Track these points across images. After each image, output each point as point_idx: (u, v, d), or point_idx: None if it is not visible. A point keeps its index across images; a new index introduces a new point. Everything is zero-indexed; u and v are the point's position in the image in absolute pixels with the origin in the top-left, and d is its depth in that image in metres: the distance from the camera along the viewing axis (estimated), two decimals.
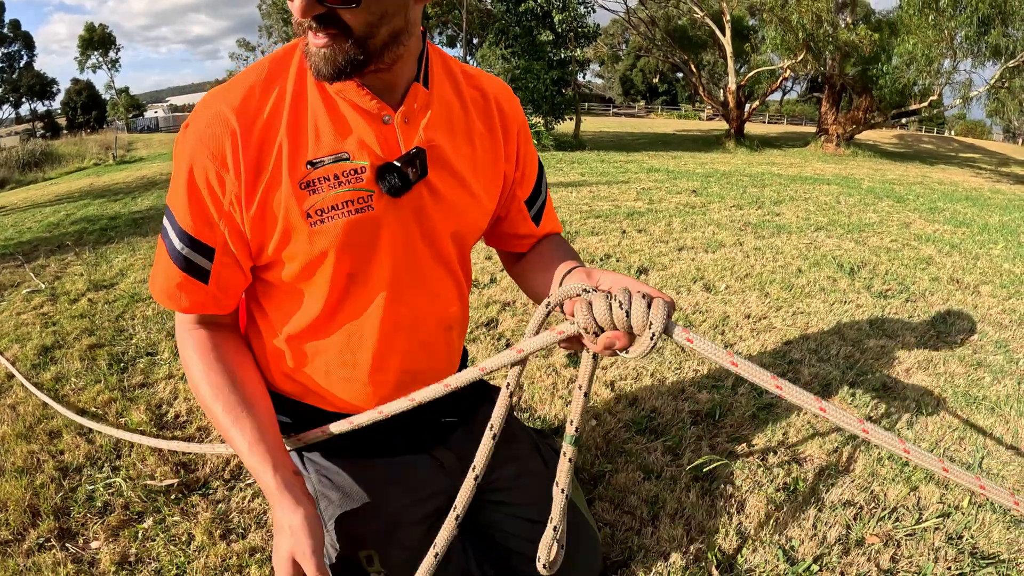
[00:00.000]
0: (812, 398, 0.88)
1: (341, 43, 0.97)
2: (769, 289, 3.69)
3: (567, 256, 1.31)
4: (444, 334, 1.35)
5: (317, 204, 1.10)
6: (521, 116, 1.33)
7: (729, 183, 8.86)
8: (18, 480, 2.17)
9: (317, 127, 1.09)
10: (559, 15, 20.18)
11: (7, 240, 7.93)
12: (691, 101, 59.04)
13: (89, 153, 31.36)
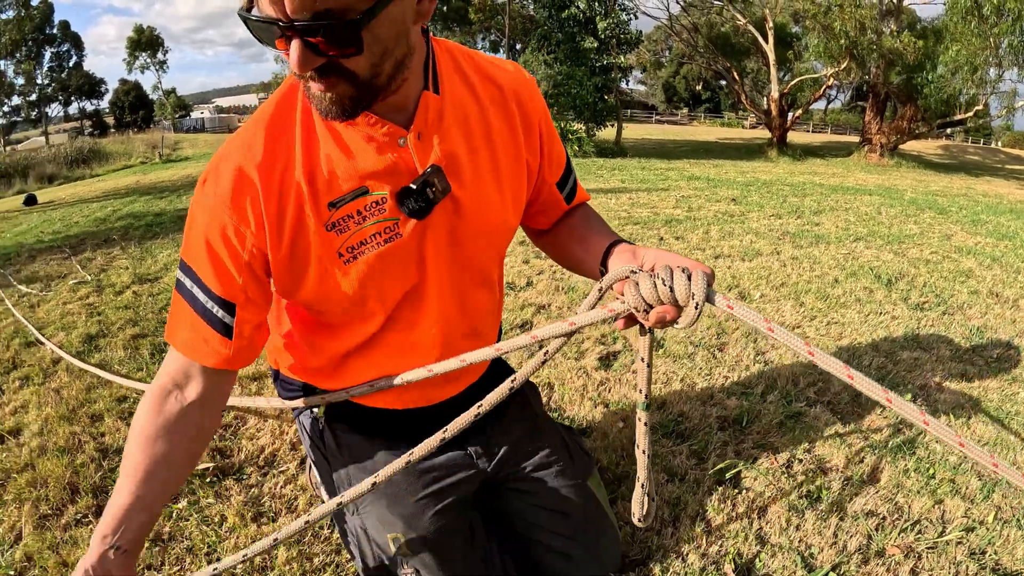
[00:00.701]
0: (841, 365, 0.93)
1: (346, 88, 0.95)
2: (804, 299, 3.68)
3: (600, 226, 1.34)
4: (477, 335, 1.39)
5: (347, 242, 1.12)
6: (541, 103, 1.30)
7: (769, 192, 8.79)
8: (59, 459, 2.28)
9: (332, 167, 1.10)
10: (602, 21, 20.18)
11: (55, 233, 8.17)
12: (734, 109, 58.54)
13: (136, 151, 32.10)
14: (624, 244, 1.19)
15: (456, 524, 1.36)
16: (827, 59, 21.70)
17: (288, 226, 1.10)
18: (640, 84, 73.52)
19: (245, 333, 1.16)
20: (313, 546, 1.79)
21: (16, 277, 5.58)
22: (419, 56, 1.08)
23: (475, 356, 1.16)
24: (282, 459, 2.24)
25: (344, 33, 0.87)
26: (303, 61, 0.88)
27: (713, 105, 66.07)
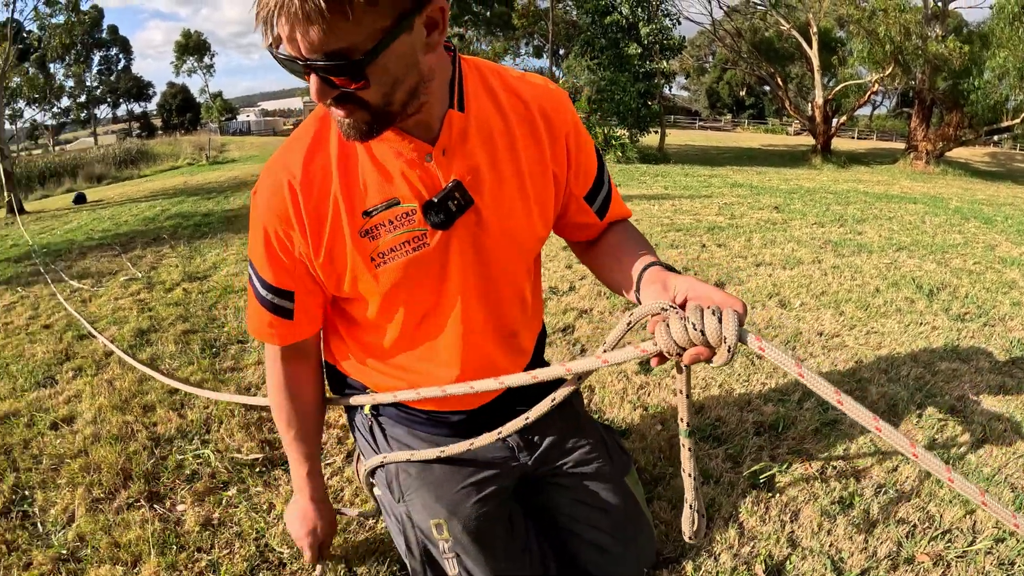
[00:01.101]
0: (869, 415, 0.94)
1: (362, 114, 1.05)
2: (844, 308, 3.67)
3: (637, 246, 1.37)
4: (512, 339, 1.46)
5: (378, 248, 1.23)
6: (568, 116, 1.34)
7: (812, 200, 8.71)
8: (112, 446, 2.38)
9: (366, 178, 1.21)
10: (645, 27, 20.12)
11: (104, 231, 8.41)
12: (778, 115, 57.73)
13: (183, 153, 32.74)
14: (656, 269, 1.22)
15: (497, 513, 1.43)
16: (871, 65, 21.40)
17: (327, 233, 1.22)
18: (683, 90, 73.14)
19: (307, 311, 1.36)
20: (359, 534, 1.86)
21: (67, 273, 5.78)
22: (442, 77, 1.16)
23: (512, 380, 1.26)
24: (329, 452, 2.32)
25: (351, 70, 0.97)
26: (320, 92, 1.00)
27: (757, 111, 65.30)
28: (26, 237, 8.88)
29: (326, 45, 0.93)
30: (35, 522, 2.05)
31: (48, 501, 2.15)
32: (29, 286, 5.51)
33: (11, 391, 3.10)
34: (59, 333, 3.94)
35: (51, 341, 3.79)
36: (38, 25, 17.77)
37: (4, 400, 2.99)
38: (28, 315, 4.50)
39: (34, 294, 5.16)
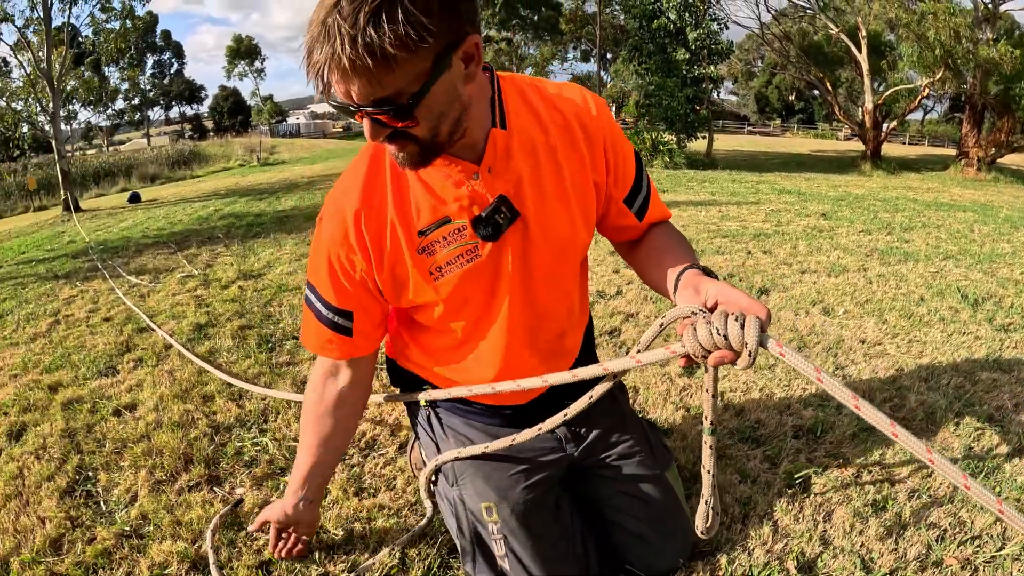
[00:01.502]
0: (887, 420, 0.99)
1: (413, 147, 1.16)
2: (888, 316, 3.66)
3: (677, 248, 1.45)
4: (558, 340, 1.56)
5: (436, 263, 1.34)
6: (606, 124, 1.41)
7: (861, 207, 8.61)
8: (173, 433, 2.52)
9: (418, 201, 1.32)
10: (692, 32, 20.01)
11: (159, 230, 8.68)
12: (828, 120, 56.82)
13: (234, 154, 33.45)
14: (691, 273, 1.30)
15: (544, 499, 1.52)
16: (921, 69, 21.00)
17: (387, 255, 1.35)
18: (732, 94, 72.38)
19: (364, 331, 1.46)
20: (409, 518, 1.96)
21: (125, 269, 6.00)
22: (483, 97, 1.27)
23: (555, 378, 1.37)
24: (382, 443, 2.44)
25: (400, 113, 1.07)
26: (373, 133, 1.11)
27: (807, 116, 64.28)
28: (82, 234, 9.20)
29: (374, 94, 1.04)
30: (98, 501, 2.20)
31: (111, 482, 2.29)
32: (87, 281, 5.74)
33: (74, 379, 3.27)
34: (119, 326, 4.12)
35: (112, 333, 3.97)
36: (93, 30, 18.28)
37: (67, 387, 3.16)
38: (88, 308, 4.71)
39: (93, 288, 5.38)
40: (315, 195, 11.64)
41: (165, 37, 65.14)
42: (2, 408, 3.01)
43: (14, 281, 6.32)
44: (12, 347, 4.00)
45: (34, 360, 3.67)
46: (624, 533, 1.63)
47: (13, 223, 16.70)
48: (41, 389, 3.16)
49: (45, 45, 15.32)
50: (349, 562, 1.80)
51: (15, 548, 1.97)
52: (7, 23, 15.15)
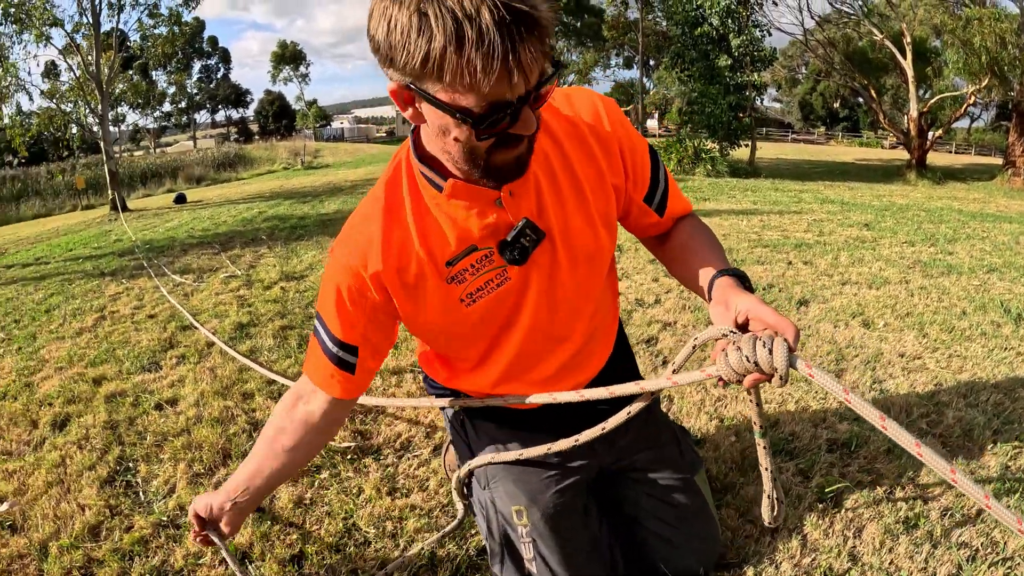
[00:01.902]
0: (911, 439, 1.01)
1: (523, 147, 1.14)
2: (928, 330, 3.60)
3: (705, 250, 1.45)
4: (588, 345, 1.56)
5: (466, 290, 1.33)
6: (619, 127, 1.38)
7: (904, 218, 8.46)
8: (213, 428, 2.60)
9: (444, 233, 1.29)
10: (736, 39, 19.85)
11: (204, 230, 8.87)
12: (873, 128, 55.80)
13: (279, 158, 34.02)
14: (722, 284, 1.30)
15: (573, 504, 1.54)
16: (967, 76, 20.58)
17: (411, 287, 1.32)
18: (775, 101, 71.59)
19: (366, 367, 1.44)
20: (440, 519, 1.99)
21: (170, 268, 6.16)
22: None
23: (592, 394, 1.39)
24: (417, 445, 2.49)
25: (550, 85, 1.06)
26: (532, 122, 1.07)
27: (851, 123, 63.29)
28: (129, 233, 9.44)
29: (541, 65, 1.00)
30: (137, 491, 2.28)
31: (151, 473, 2.38)
32: (133, 279, 5.90)
33: (117, 373, 3.38)
34: (163, 323, 4.23)
35: (155, 330, 4.08)
36: (140, 35, 18.75)
37: (111, 381, 3.27)
38: (133, 305, 4.84)
39: (138, 286, 5.53)
40: (358, 199, 11.55)
41: (212, 43, 66.45)
42: (47, 399, 3.12)
43: (61, 277, 6.52)
44: (58, 341, 4.14)
45: (79, 354, 3.79)
46: (651, 536, 1.64)
47: (61, 220, 17.19)
48: (85, 382, 3.28)
49: (94, 50, 15.77)
50: (379, 560, 1.84)
51: (55, 533, 2.06)
52: (57, 28, 15.64)
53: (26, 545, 2.01)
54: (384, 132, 73.22)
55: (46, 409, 3.01)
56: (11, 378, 3.52)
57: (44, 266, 7.66)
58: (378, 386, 3.03)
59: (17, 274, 7.34)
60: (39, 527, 2.10)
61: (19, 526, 2.14)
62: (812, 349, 3.28)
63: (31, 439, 2.76)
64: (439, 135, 1.11)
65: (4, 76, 15.81)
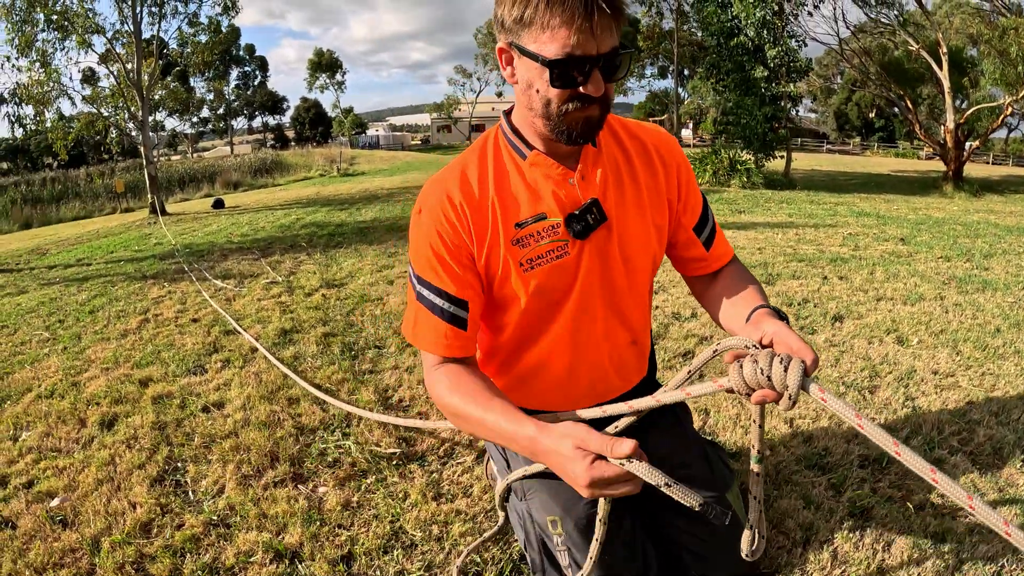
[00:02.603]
0: (927, 466, 1.01)
1: (597, 111, 1.29)
2: (962, 347, 3.61)
3: (747, 291, 1.53)
4: (629, 348, 1.65)
5: (528, 255, 1.44)
6: (680, 156, 1.59)
7: (940, 232, 8.39)
8: (260, 432, 2.70)
9: (518, 196, 1.43)
10: (771, 50, 19.72)
11: (243, 236, 9.03)
12: (909, 138, 54.92)
13: (315, 164, 34.39)
14: (760, 313, 1.36)
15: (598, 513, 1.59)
16: (1004, 86, 20.25)
17: (487, 240, 1.43)
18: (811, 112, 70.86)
19: (475, 322, 1.49)
20: (483, 523, 2.07)
21: (210, 272, 6.30)
22: None
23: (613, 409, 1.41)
24: (460, 453, 2.57)
25: (624, 63, 1.27)
26: (599, 86, 1.24)
27: (887, 134, 62.33)
28: (169, 237, 9.64)
29: (613, 41, 1.22)
30: (187, 490, 2.39)
31: (200, 473, 2.48)
32: (175, 282, 6.06)
33: (164, 375, 3.50)
34: (207, 327, 4.35)
35: (199, 334, 4.21)
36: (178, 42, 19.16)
37: (157, 383, 3.39)
38: (176, 309, 4.99)
39: (180, 290, 5.68)
40: (395, 207, 11.95)
41: (249, 51, 67.42)
42: (94, 398, 3.25)
43: (104, 279, 6.71)
44: (103, 342, 4.28)
45: (125, 355, 3.93)
46: (684, 552, 1.69)
47: (101, 223, 17.55)
48: (132, 383, 3.40)
49: (135, 56, 16.14)
50: (425, 562, 1.91)
51: (106, 529, 2.17)
52: (98, 35, 16.04)
53: (78, 540, 2.12)
54: (419, 140, 73.66)
55: (94, 408, 3.13)
56: (58, 377, 3.66)
57: (86, 267, 7.89)
58: (420, 394, 3.11)
59: (60, 274, 7.55)
60: (91, 522, 2.20)
61: (70, 521, 2.25)
62: (846, 365, 3.31)
63: (80, 437, 2.88)
64: (525, 90, 1.31)
65: (47, 81, 16.20)
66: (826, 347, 3.57)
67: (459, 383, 1.42)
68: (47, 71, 16.03)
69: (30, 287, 6.88)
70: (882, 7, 24.87)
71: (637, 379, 1.73)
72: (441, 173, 1.48)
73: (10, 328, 5.00)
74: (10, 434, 2.97)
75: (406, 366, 3.44)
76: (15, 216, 24.66)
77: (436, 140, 69.43)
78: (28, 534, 2.17)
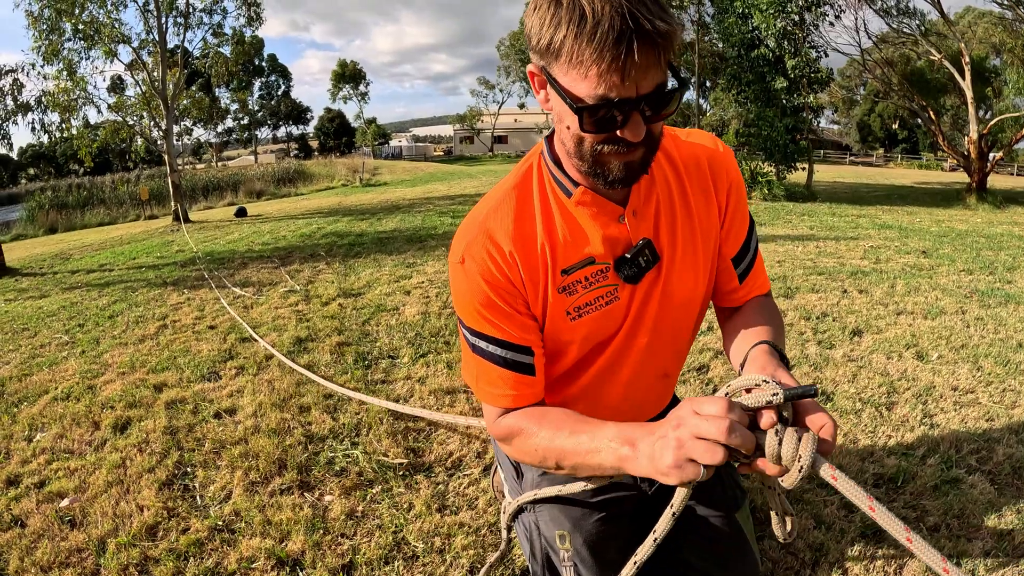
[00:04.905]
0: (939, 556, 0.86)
1: (644, 153, 1.13)
2: (983, 363, 3.55)
3: (761, 323, 1.40)
4: (662, 380, 1.59)
5: (575, 302, 1.32)
6: (734, 172, 1.41)
7: (963, 244, 8.29)
8: (270, 439, 2.71)
9: (566, 239, 1.29)
10: (791, 60, 19.62)
11: (264, 244, 9.09)
12: (933, 149, 54.35)
13: (338, 174, 34.58)
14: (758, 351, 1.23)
15: (614, 531, 1.57)
16: None
17: (540, 289, 1.30)
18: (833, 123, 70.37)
19: (541, 367, 1.35)
20: (487, 537, 2.05)
21: (230, 280, 6.34)
22: None
23: None
24: (468, 464, 2.56)
25: (672, 100, 1.07)
26: (638, 131, 1.06)
27: (911, 145, 61.75)
28: (191, 244, 9.73)
29: (658, 78, 1.02)
30: (195, 495, 2.40)
31: (208, 479, 2.50)
32: (194, 289, 6.11)
33: (178, 380, 3.53)
34: (223, 334, 4.38)
35: (216, 341, 4.23)
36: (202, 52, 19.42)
37: (172, 388, 3.41)
38: (194, 315, 5.02)
39: (199, 297, 5.72)
40: (416, 218, 11.97)
41: (272, 61, 68.16)
42: (109, 402, 3.29)
43: (124, 285, 6.78)
44: (121, 346, 4.32)
45: (142, 360, 3.96)
46: (689, 569, 1.67)
47: (125, 229, 17.77)
48: (147, 388, 3.43)
49: (160, 66, 16.37)
50: (426, 574, 1.90)
51: (113, 531, 2.19)
52: (124, 45, 16.30)
53: (84, 540, 2.14)
54: (442, 151, 73.93)
55: (108, 412, 3.16)
56: (74, 380, 3.70)
57: (108, 273, 7.97)
58: (431, 405, 3.11)
59: (82, 279, 7.64)
60: (98, 524, 2.22)
61: (78, 521, 2.27)
62: (863, 381, 3.26)
63: (93, 439, 2.91)
64: (559, 122, 1.15)
65: (73, 89, 16.45)
66: (844, 362, 3.52)
67: (544, 415, 1.30)
68: (73, 79, 16.28)
69: (52, 291, 6.97)
70: (904, 17, 24.66)
71: (663, 407, 1.70)
72: (481, 213, 1.32)
73: (31, 331, 5.06)
74: (25, 435, 3.01)
75: (418, 376, 3.45)
76: (41, 221, 25.04)
77: (459, 151, 69.62)
78: (37, 533, 2.20)
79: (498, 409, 1.37)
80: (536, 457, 1.31)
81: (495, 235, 1.28)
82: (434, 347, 3.94)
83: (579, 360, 1.45)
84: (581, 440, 1.20)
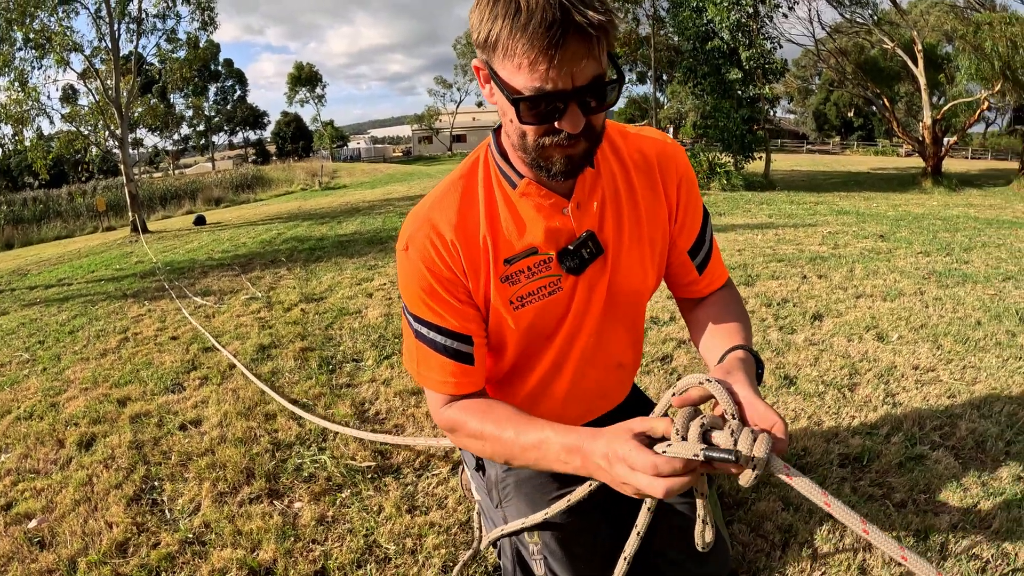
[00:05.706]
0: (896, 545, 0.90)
1: (585, 145, 1.14)
2: (942, 341, 3.62)
3: (730, 321, 1.43)
4: (615, 371, 1.59)
5: (517, 292, 1.34)
6: (683, 167, 1.42)
7: (920, 227, 8.45)
8: (236, 448, 2.68)
9: (508, 230, 1.31)
10: (745, 52, 19.86)
11: (224, 252, 8.98)
12: (888, 136, 55.39)
13: (296, 179, 34.29)
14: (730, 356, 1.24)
15: (584, 523, 1.56)
16: (980, 81, 20.42)
17: (481, 277, 1.32)
18: (790, 113, 71.33)
19: (481, 356, 1.38)
20: (459, 536, 2.05)
21: (191, 289, 6.26)
22: None
23: None
24: (435, 464, 2.55)
25: (607, 94, 1.08)
26: (576, 122, 1.07)
27: (866, 132, 62.82)
28: (150, 255, 9.58)
29: (594, 70, 1.03)
30: (163, 509, 2.36)
31: (176, 492, 2.46)
32: (155, 300, 6.01)
33: (142, 394, 3.47)
34: (186, 345, 4.31)
35: (178, 352, 4.17)
36: (159, 59, 19.11)
37: (136, 401, 3.36)
38: (156, 327, 4.94)
39: (160, 308, 5.63)
40: (376, 220, 11.92)
41: (227, 66, 67.25)
42: (73, 419, 3.22)
43: (84, 299, 6.65)
44: (83, 362, 4.23)
45: (104, 375, 3.88)
46: (658, 557, 1.67)
47: (83, 242, 17.44)
48: (111, 402, 3.37)
49: (114, 73, 16.08)
50: (399, 575, 1.88)
51: (83, 549, 2.15)
52: (76, 52, 15.98)
53: (55, 561, 2.09)
54: (401, 152, 73.63)
55: (72, 429, 3.10)
56: (37, 398, 3.61)
57: (67, 287, 7.81)
58: (397, 407, 3.09)
59: (40, 295, 7.48)
60: (68, 543, 2.18)
61: (48, 542, 2.22)
62: (825, 364, 3.30)
63: (58, 458, 2.85)
64: (503, 115, 1.16)
65: (25, 100, 16.09)
66: (805, 346, 3.57)
67: (488, 410, 1.32)
68: (25, 90, 15.93)
69: (11, 308, 6.81)
70: (857, 7, 25.04)
71: (621, 398, 1.70)
72: (427, 204, 1.35)
73: None
74: None
75: (383, 379, 3.43)
76: None
77: (418, 151, 69.44)
78: (6, 556, 2.15)
79: (440, 396, 1.38)
80: (483, 452, 1.35)
81: (438, 225, 1.30)
82: (398, 349, 3.92)
83: (528, 350, 1.46)
84: (527, 444, 1.22)
